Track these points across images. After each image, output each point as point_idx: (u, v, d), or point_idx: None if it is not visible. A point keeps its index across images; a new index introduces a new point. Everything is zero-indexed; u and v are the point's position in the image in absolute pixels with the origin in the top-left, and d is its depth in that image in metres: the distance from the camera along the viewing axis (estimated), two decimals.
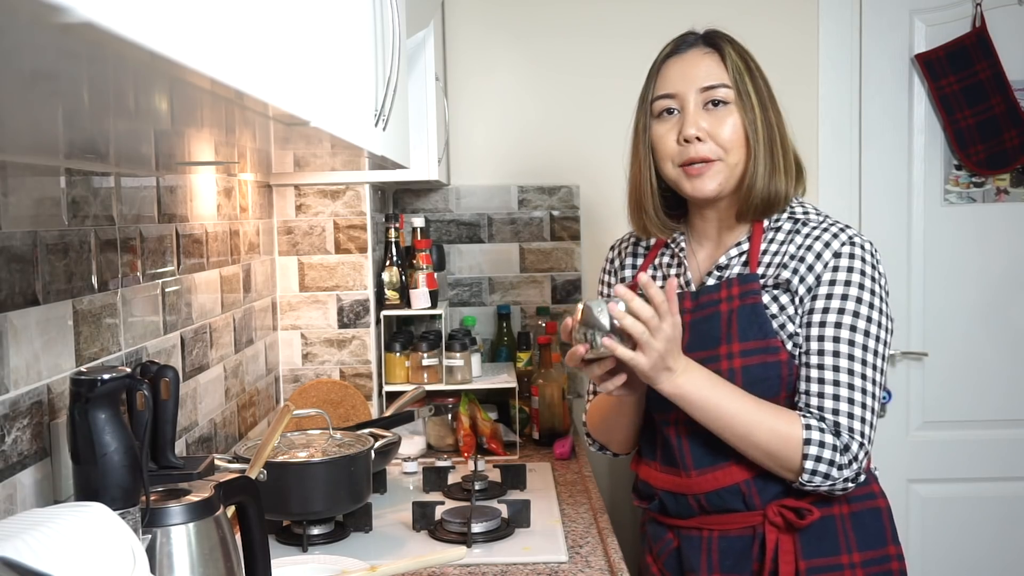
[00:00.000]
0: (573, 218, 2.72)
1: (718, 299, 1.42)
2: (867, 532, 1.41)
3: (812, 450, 1.32)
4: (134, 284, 1.41)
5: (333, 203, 2.26)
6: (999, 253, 2.77)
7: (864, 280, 1.38)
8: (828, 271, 1.38)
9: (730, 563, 1.42)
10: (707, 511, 1.43)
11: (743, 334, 1.38)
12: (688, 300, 1.45)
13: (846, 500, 1.40)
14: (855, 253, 1.39)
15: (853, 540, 1.40)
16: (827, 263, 1.38)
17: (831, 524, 1.39)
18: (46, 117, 0.82)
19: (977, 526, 2.79)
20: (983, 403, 2.79)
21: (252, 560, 1.16)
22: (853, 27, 2.72)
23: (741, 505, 1.41)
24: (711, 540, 1.43)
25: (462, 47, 2.69)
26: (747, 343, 1.38)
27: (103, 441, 0.98)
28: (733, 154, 1.42)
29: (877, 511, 1.44)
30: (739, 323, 1.39)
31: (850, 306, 1.36)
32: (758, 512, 1.40)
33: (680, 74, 1.45)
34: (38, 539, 0.77)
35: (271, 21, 0.71)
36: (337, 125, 0.98)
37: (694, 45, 1.48)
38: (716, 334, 1.40)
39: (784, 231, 1.45)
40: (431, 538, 1.67)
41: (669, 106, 1.45)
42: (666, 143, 1.45)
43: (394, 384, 2.31)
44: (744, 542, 1.41)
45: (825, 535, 1.39)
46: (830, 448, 1.32)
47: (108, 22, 0.42)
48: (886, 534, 1.43)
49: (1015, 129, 2.67)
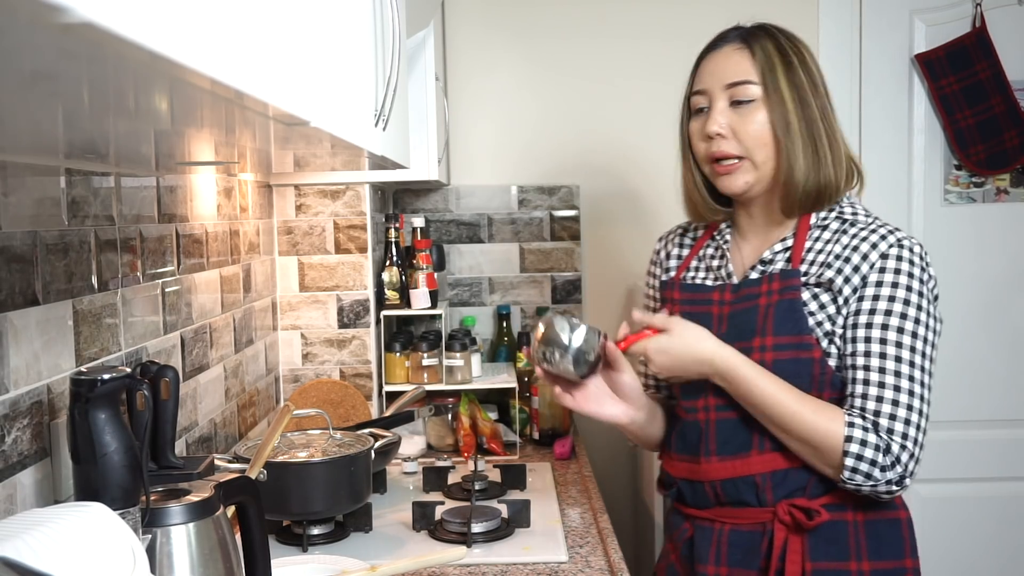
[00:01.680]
0: (573, 218, 2.72)
1: (758, 292, 1.43)
2: (882, 542, 1.40)
3: (853, 448, 1.31)
4: (134, 284, 1.42)
5: (333, 203, 2.26)
6: (999, 253, 2.77)
7: (912, 282, 1.37)
8: (875, 272, 1.37)
9: (738, 557, 1.43)
10: (722, 502, 1.44)
11: (777, 328, 1.39)
12: (729, 292, 1.47)
13: (862, 508, 1.39)
14: (903, 255, 1.37)
15: (864, 548, 1.39)
16: (873, 264, 1.37)
17: (843, 529, 1.39)
18: (46, 117, 0.82)
19: (976, 526, 2.79)
20: (983, 403, 2.79)
21: (252, 560, 1.16)
22: (853, 27, 2.72)
23: (754, 499, 1.41)
24: (722, 533, 1.44)
25: (462, 47, 2.69)
26: (780, 337, 1.38)
27: (103, 441, 0.98)
28: (759, 152, 1.42)
29: (897, 522, 1.42)
30: (775, 317, 1.39)
31: (897, 307, 1.35)
32: (769, 509, 1.40)
33: (710, 71, 1.47)
34: (38, 539, 0.77)
35: (271, 21, 0.71)
36: (337, 125, 0.98)
37: (730, 41, 1.47)
38: (752, 326, 1.41)
39: (831, 230, 1.44)
40: (431, 538, 1.67)
41: (700, 104, 1.47)
42: (697, 140, 1.48)
43: (394, 384, 2.31)
44: (754, 537, 1.42)
45: (836, 539, 1.38)
46: (872, 448, 1.31)
47: (108, 22, 0.42)
48: (904, 546, 1.41)
49: (1015, 129, 2.67)
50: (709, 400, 1.44)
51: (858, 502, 1.39)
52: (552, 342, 1.37)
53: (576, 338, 1.39)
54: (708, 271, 1.54)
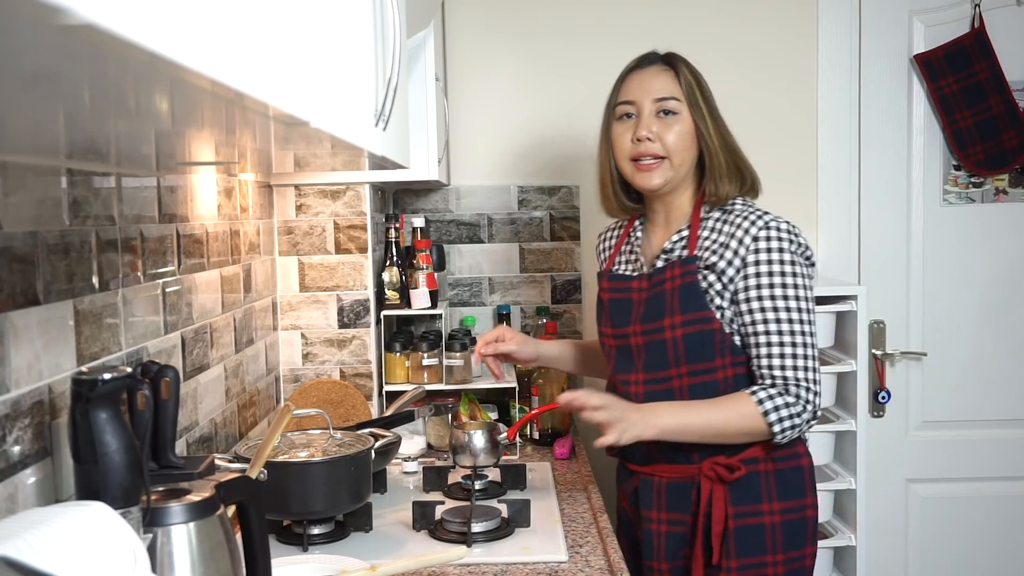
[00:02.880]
0: (573, 218, 2.72)
1: (663, 279, 1.69)
2: (788, 486, 1.68)
3: (772, 415, 1.59)
4: (135, 284, 1.42)
5: (333, 203, 2.26)
6: (998, 253, 2.77)
7: (783, 255, 1.63)
8: (751, 253, 1.63)
9: (674, 504, 1.71)
10: (658, 459, 1.72)
11: (683, 307, 1.65)
12: (645, 280, 1.73)
13: (772, 459, 1.67)
14: (771, 235, 1.63)
15: (775, 492, 1.67)
16: (748, 247, 1.63)
17: (756, 479, 1.66)
18: (47, 117, 0.82)
19: (977, 526, 2.79)
20: (982, 403, 2.79)
21: (252, 560, 1.16)
22: (852, 28, 2.72)
23: (683, 457, 1.68)
24: (660, 484, 1.72)
25: (462, 48, 2.70)
26: (686, 315, 1.65)
27: (104, 441, 0.98)
28: (677, 155, 1.69)
29: (800, 469, 1.71)
30: (680, 299, 1.66)
31: (776, 280, 1.62)
32: (696, 465, 1.67)
33: (638, 85, 1.72)
34: (39, 538, 0.77)
35: (271, 22, 0.71)
36: (337, 125, 0.98)
37: (654, 63, 1.74)
38: (662, 308, 1.68)
39: (715, 219, 1.70)
40: (431, 538, 1.67)
41: (627, 111, 1.73)
42: (623, 141, 1.73)
43: (394, 384, 2.31)
44: (685, 488, 1.69)
45: (750, 487, 1.66)
46: (784, 405, 1.59)
47: (109, 23, 0.42)
48: (806, 487, 1.70)
49: (1014, 129, 2.67)
50: (639, 376, 1.71)
51: (768, 455, 1.66)
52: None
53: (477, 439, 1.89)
54: (627, 262, 1.82)
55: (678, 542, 1.70)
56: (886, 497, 2.76)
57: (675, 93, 1.69)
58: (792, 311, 1.62)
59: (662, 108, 1.69)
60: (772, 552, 1.66)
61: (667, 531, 1.71)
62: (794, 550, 1.67)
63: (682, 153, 1.69)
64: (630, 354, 1.73)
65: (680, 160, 1.69)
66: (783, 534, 1.66)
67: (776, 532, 1.66)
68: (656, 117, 1.69)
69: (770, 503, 1.66)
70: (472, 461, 1.89)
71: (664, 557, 1.71)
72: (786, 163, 2.72)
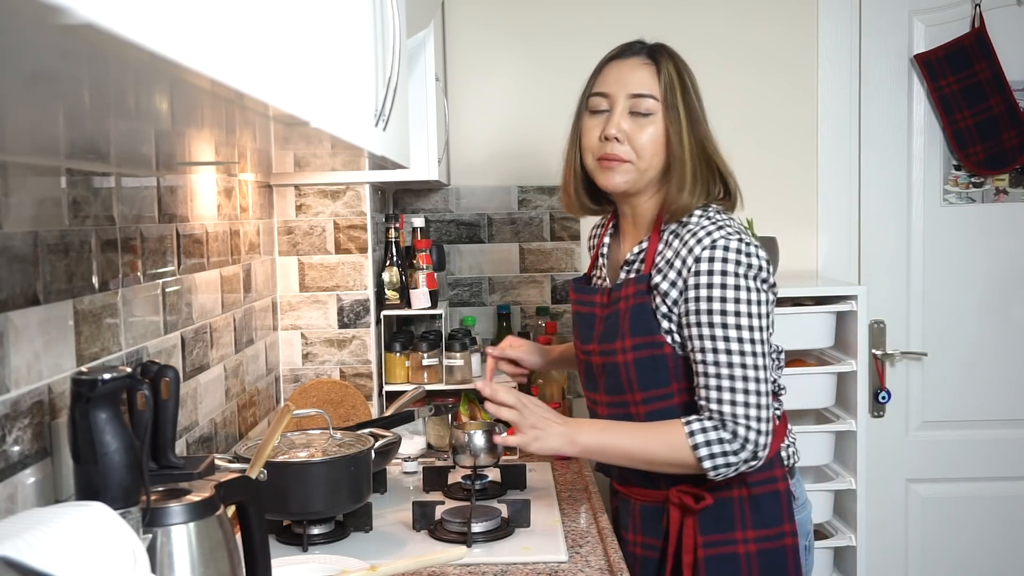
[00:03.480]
0: (573, 218, 2.72)
1: (619, 297, 1.58)
2: (763, 513, 1.56)
3: (702, 449, 1.46)
4: (135, 284, 1.42)
5: (333, 203, 2.26)
6: (998, 253, 2.77)
7: (726, 279, 1.46)
8: (692, 276, 1.49)
9: (648, 528, 1.64)
10: (631, 481, 1.66)
11: (633, 330, 1.54)
12: (606, 295, 1.62)
13: (746, 484, 1.55)
14: (715, 256, 1.47)
15: (749, 519, 1.55)
16: (691, 268, 1.49)
17: (728, 506, 1.55)
18: (47, 117, 0.82)
19: (977, 526, 2.79)
20: (983, 403, 2.79)
21: (252, 560, 1.16)
22: (852, 27, 2.72)
23: (648, 483, 1.61)
24: (635, 506, 1.67)
25: (462, 48, 2.70)
26: (636, 338, 1.54)
27: (104, 441, 0.98)
28: (644, 160, 1.56)
29: (776, 494, 1.57)
30: (630, 321, 1.55)
31: (716, 306, 1.47)
32: (663, 491, 1.59)
33: (615, 77, 1.59)
34: (39, 538, 0.77)
35: (271, 21, 0.71)
36: (337, 125, 0.98)
37: (637, 54, 1.60)
38: (616, 330, 1.57)
39: (670, 232, 1.57)
40: (431, 538, 1.67)
41: (600, 105, 1.60)
42: (591, 136, 1.61)
43: (394, 384, 2.31)
44: (657, 512, 1.62)
45: (723, 514, 1.55)
46: (716, 441, 1.46)
47: (109, 23, 0.42)
48: (783, 513, 1.57)
49: (1014, 129, 2.67)
50: (603, 397, 1.63)
51: (742, 480, 1.54)
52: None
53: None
54: (600, 267, 1.72)
55: (652, 568, 1.64)
56: (886, 497, 2.76)
57: (652, 91, 1.55)
58: (732, 341, 1.46)
59: (636, 108, 1.55)
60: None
61: (642, 555, 1.65)
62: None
63: (650, 158, 1.56)
64: (593, 373, 1.65)
65: (647, 164, 1.56)
66: (759, 564, 1.55)
67: (752, 562, 1.54)
68: (628, 115, 1.56)
69: (744, 531, 1.55)
70: (472, 461, 1.89)
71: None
72: (786, 163, 2.72)
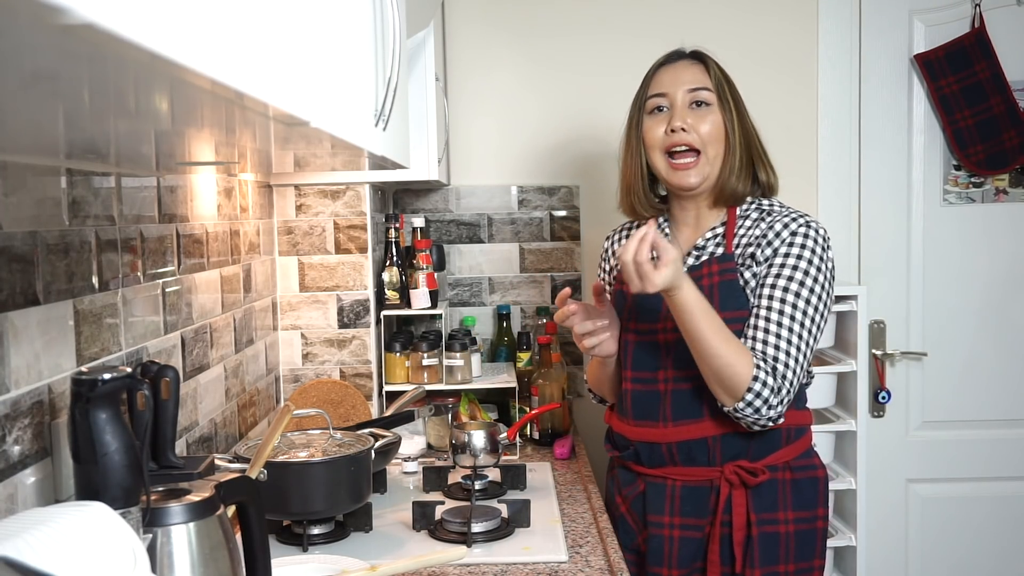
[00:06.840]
0: (573, 218, 2.72)
1: (700, 275, 1.65)
2: (803, 496, 1.68)
3: (756, 387, 1.54)
4: (135, 284, 1.42)
5: (333, 203, 2.26)
6: (998, 253, 2.77)
7: (812, 256, 1.62)
8: (784, 245, 1.63)
9: (689, 509, 1.68)
10: (676, 462, 1.68)
11: (723, 305, 1.62)
12: None
13: (790, 468, 1.67)
14: (809, 234, 1.63)
15: (790, 500, 1.66)
16: (784, 239, 1.63)
17: (774, 486, 1.66)
18: (47, 117, 0.82)
19: (977, 526, 2.79)
20: (983, 403, 2.79)
21: (252, 560, 1.16)
22: (853, 27, 2.72)
23: (705, 459, 1.66)
24: (674, 488, 1.69)
25: (462, 47, 2.70)
26: (727, 312, 1.60)
27: (104, 441, 0.98)
28: (712, 147, 1.67)
29: (815, 480, 1.70)
30: (720, 296, 1.63)
31: (797, 274, 1.60)
32: (717, 468, 1.65)
33: (671, 78, 1.71)
34: (39, 538, 0.77)
35: (271, 21, 0.71)
36: (337, 125, 0.98)
37: (684, 57, 1.74)
38: None
39: (752, 219, 1.70)
40: (431, 538, 1.67)
41: (660, 104, 1.71)
42: (655, 134, 1.70)
43: (394, 384, 2.31)
44: (703, 492, 1.67)
45: (769, 494, 1.65)
46: (768, 390, 1.55)
47: (108, 23, 0.42)
48: (818, 499, 1.70)
49: (1014, 129, 2.67)
50: (668, 372, 1.67)
51: (787, 464, 1.66)
52: None
53: None
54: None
55: (692, 548, 1.67)
56: (886, 497, 2.76)
57: (707, 84, 1.68)
58: (805, 308, 1.58)
59: (695, 99, 1.67)
60: (784, 562, 1.65)
61: (680, 536, 1.68)
62: (804, 561, 1.67)
63: (716, 145, 1.67)
64: (656, 350, 1.68)
65: (715, 153, 1.67)
66: (796, 543, 1.65)
67: (790, 541, 1.65)
68: (689, 108, 1.67)
69: (785, 511, 1.66)
70: (472, 461, 1.89)
71: (676, 564, 1.68)
72: (786, 162, 2.70)
